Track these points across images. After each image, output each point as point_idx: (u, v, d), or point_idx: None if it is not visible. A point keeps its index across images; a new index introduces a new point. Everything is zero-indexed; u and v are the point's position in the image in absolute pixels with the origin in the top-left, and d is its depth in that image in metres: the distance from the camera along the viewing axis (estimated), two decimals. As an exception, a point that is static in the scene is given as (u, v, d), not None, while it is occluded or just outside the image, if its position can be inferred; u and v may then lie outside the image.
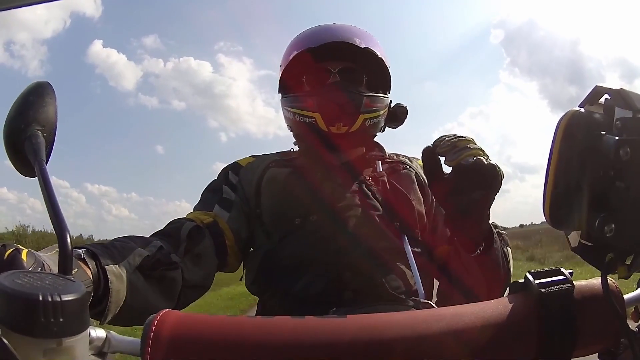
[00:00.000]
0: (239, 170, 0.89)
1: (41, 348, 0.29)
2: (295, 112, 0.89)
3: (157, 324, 0.34)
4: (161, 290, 0.66)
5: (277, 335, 0.34)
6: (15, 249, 0.45)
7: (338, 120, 0.84)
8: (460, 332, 0.35)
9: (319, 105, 0.85)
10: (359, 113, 0.84)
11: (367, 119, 0.86)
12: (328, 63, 0.88)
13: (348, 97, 0.85)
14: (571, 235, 0.40)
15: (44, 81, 0.50)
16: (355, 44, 0.85)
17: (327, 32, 0.88)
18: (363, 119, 0.85)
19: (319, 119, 0.84)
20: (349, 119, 0.84)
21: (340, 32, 0.88)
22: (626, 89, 0.38)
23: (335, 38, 0.86)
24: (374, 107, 0.87)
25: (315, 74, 0.89)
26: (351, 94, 0.85)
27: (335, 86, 0.86)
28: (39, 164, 0.44)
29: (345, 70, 0.88)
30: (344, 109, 0.84)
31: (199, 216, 0.81)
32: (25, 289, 0.29)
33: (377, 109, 0.88)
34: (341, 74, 0.87)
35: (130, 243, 0.65)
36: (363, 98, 0.86)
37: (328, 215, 0.80)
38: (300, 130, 0.92)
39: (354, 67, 0.89)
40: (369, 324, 0.36)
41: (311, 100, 0.86)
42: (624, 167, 0.36)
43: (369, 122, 0.86)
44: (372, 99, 0.88)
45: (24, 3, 0.94)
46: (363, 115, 0.85)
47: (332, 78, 0.87)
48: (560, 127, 0.39)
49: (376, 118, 0.88)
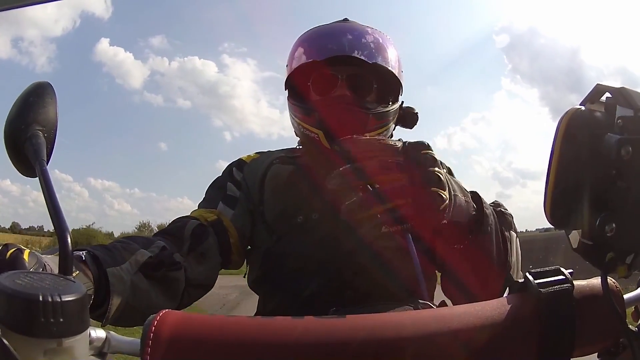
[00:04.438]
0: (243, 167, 0.89)
1: (41, 348, 0.29)
2: (300, 123, 0.88)
3: (156, 324, 0.34)
4: (164, 290, 0.66)
5: (277, 335, 0.34)
6: (17, 249, 0.46)
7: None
8: (460, 332, 0.35)
9: (322, 122, 0.83)
10: (361, 134, 0.81)
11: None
12: (336, 68, 0.84)
13: (353, 116, 0.82)
14: (572, 234, 0.40)
15: (44, 81, 0.50)
16: (362, 58, 0.82)
17: (336, 40, 0.84)
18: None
19: (322, 137, 0.83)
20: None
21: (349, 39, 0.84)
22: (627, 88, 0.38)
23: (342, 50, 0.83)
24: (379, 124, 0.85)
25: (322, 80, 0.86)
26: (357, 112, 0.83)
27: (341, 100, 0.83)
28: (39, 164, 0.44)
29: (353, 77, 0.84)
30: (348, 130, 0.80)
31: (202, 214, 0.80)
32: (26, 289, 0.29)
33: (383, 124, 0.86)
34: (349, 82, 0.84)
35: (132, 244, 0.65)
36: (368, 117, 0.83)
37: (330, 214, 0.79)
38: (303, 141, 0.91)
39: (363, 74, 0.85)
40: (369, 324, 0.36)
41: (315, 116, 0.84)
42: (625, 166, 0.36)
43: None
44: (379, 115, 0.85)
45: (24, 3, 0.94)
46: (368, 134, 0.82)
47: (340, 87, 0.84)
48: (561, 125, 0.39)
49: (381, 134, 0.86)
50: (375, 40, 0.86)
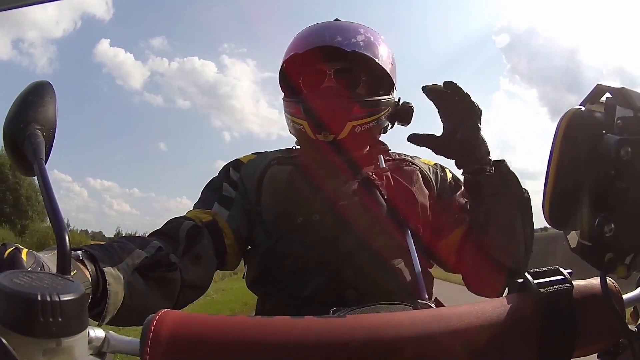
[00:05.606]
0: (240, 167, 0.89)
1: (40, 348, 0.29)
2: (288, 117, 0.90)
3: (156, 323, 0.33)
4: (160, 291, 0.66)
5: (277, 335, 0.34)
6: (16, 248, 0.45)
7: (323, 129, 0.83)
8: (460, 332, 0.35)
9: (305, 112, 0.84)
10: (347, 120, 0.83)
11: (356, 126, 0.84)
12: (324, 64, 0.86)
13: (336, 104, 0.83)
14: (570, 235, 0.40)
15: (44, 81, 0.50)
16: (343, 47, 0.83)
17: (318, 35, 0.87)
18: (351, 126, 0.83)
19: (306, 126, 0.85)
20: (335, 127, 0.83)
21: (332, 33, 0.86)
22: (627, 88, 0.38)
23: (322, 42, 0.84)
24: (366, 112, 0.85)
25: (311, 76, 0.88)
26: (340, 100, 0.84)
27: (328, 91, 0.85)
28: (38, 164, 0.44)
29: (341, 71, 0.86)
30: (331, 117, 0.83)
31: (197, 215, 0.80)
32: (24, 289, 0.29)
33: (370, 113, 0.86)
34: (337, 76, 0.86)
35: (129, 244, 0.64)
36: (353, 104, 0.84)
37: (331, 214, 0.79)
38: (294, 135, 0.92)
39: (351, 68, 0.87)
40: (369, 323, 0.36)
41: (299, 107, 0.86)
42: (625, 166, 0.36)
43: (359, 128, 0.84)
44: (365, 103, 0.86)
45: (24, 3, 0.94)
46: (351, 122, 0.83)
47: (327, 80, 0.86)
48: (560, 126, 0.38)
49: (369, 123, 0.86)
50: (366, 37, 0.87)
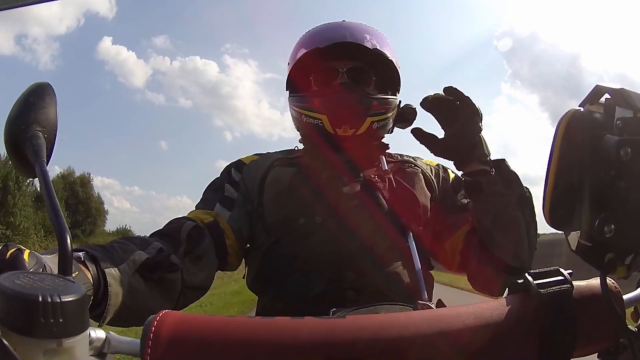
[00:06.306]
0: (242, 168, 0.89)
1: (41, 348, 0.29)
2: (301, 112, 0.89)
3: (156, 324, 0.34)
4: (161, 292, 0.66)
5: (277, 336, 0.34)
6: (18, 249, 0.45)
7: (344, 123, 0.84)
8: (460, 333, 0.35)
9: (325, 106, 0.85)
10: (366, 116, 0.84)
11: (374, 122, 0.85)
12: (336, 62, 0.87)
13: (355, 99, 0.84)
14: (570, 235, 0.40)
15: (44, 82, 0.50)
16: (364, 45, 0.84)
17: (337, 32, 0.87)
18: (370, 121, 0.85)
19: (325, 120, 0.84)
20: (356, 122, 0.84)
21: (349, 31, 0.87)
22: (627, 89, 0.38)
23: (343, 38, 0.85)
24: (382, 110, 0.87)
25: (323, 73, 0.89)
26: (359, 96, 0.85)
27: (342, 87, 0.85)
28: (39, 165, 0.44)
29: (353, 70, 0.87)
30: (351, 112, 0.84)
31: (199, 215, 0.80)
32: (25, 290, 0.29)
33: (385, 111, 0.87)
34: (349, 74, 0.86)
35: (130, 245, 0.65)
36: (371, 100, 0.85)
37: (333, 217, 0.79)
38: (306, 131, 0.91)
39: (363, 67, 0.88)
40: (369, 324, 0.36)
41: (318, 101, 0.86)
42: (625, 167, 0.36)
43: (376, 124, 0.86)
44: (380, 101, 0.87)
45: (24, 3, 0.94)
46: (370, 118, 0.84)
47: (340, 78, 0.86)
48: (560, 126, 0.38)
49: (384, 120, 0.87)
50: (376, 33, 0.89)
